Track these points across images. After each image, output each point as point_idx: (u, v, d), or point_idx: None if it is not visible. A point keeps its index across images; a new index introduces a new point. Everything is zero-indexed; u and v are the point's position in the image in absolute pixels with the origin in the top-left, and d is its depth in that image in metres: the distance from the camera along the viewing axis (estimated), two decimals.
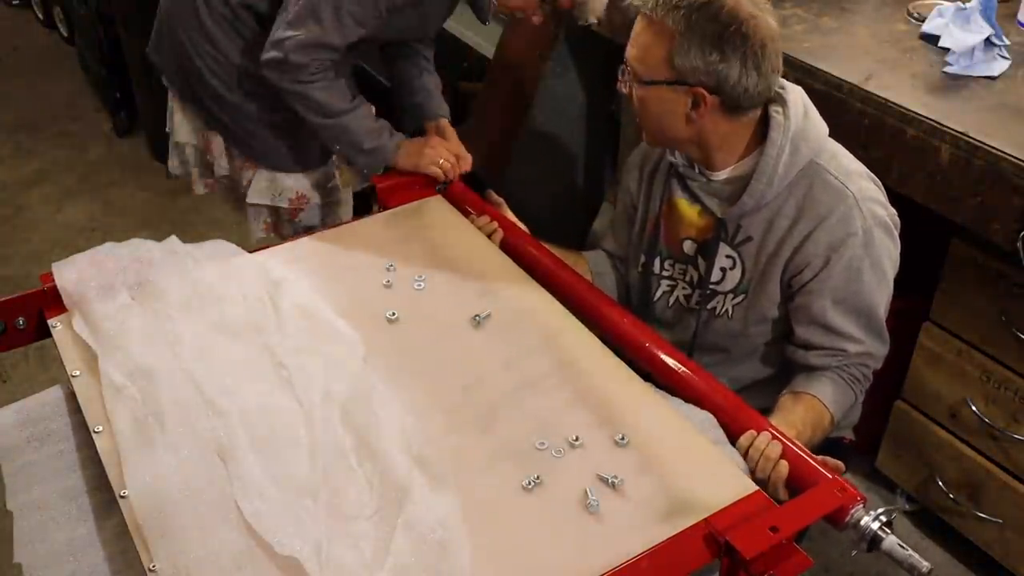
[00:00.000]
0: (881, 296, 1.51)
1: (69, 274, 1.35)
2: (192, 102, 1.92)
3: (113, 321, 1.30)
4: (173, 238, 1.46)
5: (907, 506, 2.21)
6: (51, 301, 1.36)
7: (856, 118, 1.83)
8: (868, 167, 1.86)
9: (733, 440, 1.21)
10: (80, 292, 1.34)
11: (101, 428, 1.17)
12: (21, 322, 1.37)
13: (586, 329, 1.37)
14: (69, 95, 4.00)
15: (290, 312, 1.36)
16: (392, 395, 1.23)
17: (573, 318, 1.39)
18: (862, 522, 1.07)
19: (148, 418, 1.16)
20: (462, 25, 3.08)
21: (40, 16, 4.56)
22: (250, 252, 1.50)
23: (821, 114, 1.45)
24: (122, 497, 1.08)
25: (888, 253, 1.50)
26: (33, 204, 3.36)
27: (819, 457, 1.18)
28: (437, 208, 1.66)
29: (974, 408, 1.87)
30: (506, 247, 1.55)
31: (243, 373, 1.25)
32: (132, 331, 1.29)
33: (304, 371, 1.25)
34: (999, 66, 1.82)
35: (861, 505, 1.08)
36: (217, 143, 1.94)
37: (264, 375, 1.25)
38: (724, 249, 1.52)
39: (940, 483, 2.00)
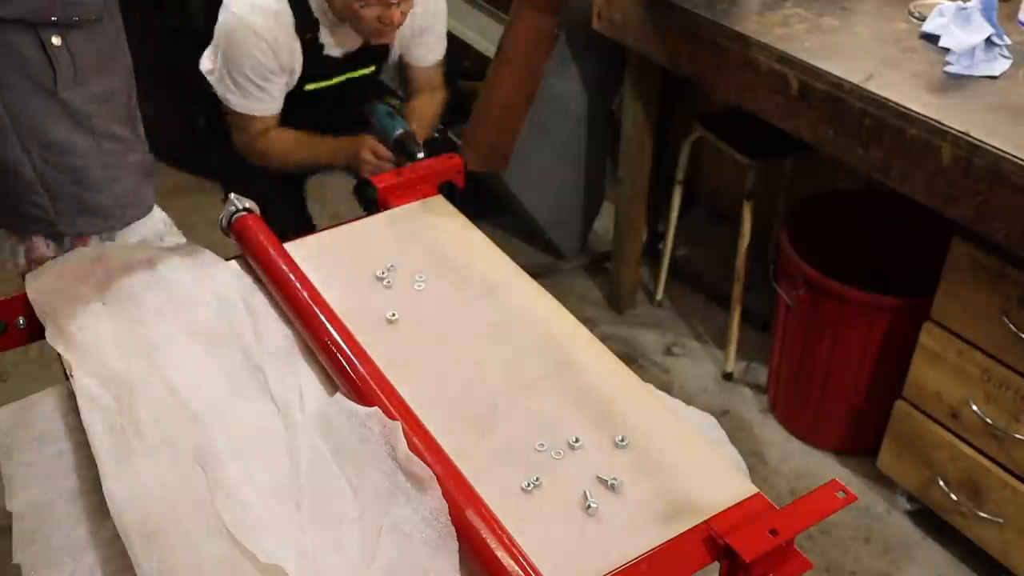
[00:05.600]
0: None
1: (40, 285, 1.34)
2: None
3: (86, 330, 1.29)
4: (145, 242, 1.45)
5: (908, 506, 2.21)
6: None
7: (857, 118, 1.82)
8: (869, 167, 1.86)
9: None
10: (52, 302, 1.33)
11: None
12: (21, 322, 1.36)
13: (586, 330, 1.37)
14: None
15: (266, 315, 1.35)
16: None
17: (573, 318, 1.39)
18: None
19: (125, 427, 1.15)
20: (462, 24, 3.08)
21: None
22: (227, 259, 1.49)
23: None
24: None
25: None
26: None
27: None
28: (437, 208, 1.66)
29: (975, 408, 1.87)
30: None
31: (219, 379, 1.24)
32: (105, 339, 1.28)
33: (281, 374, 1.25)
34: (1000, 66, 1.82)
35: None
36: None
37: (241, 380, 1.25)
38: None
39: (941, 483, 2.00)
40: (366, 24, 1.95)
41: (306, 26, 1.78)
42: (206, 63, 2.13)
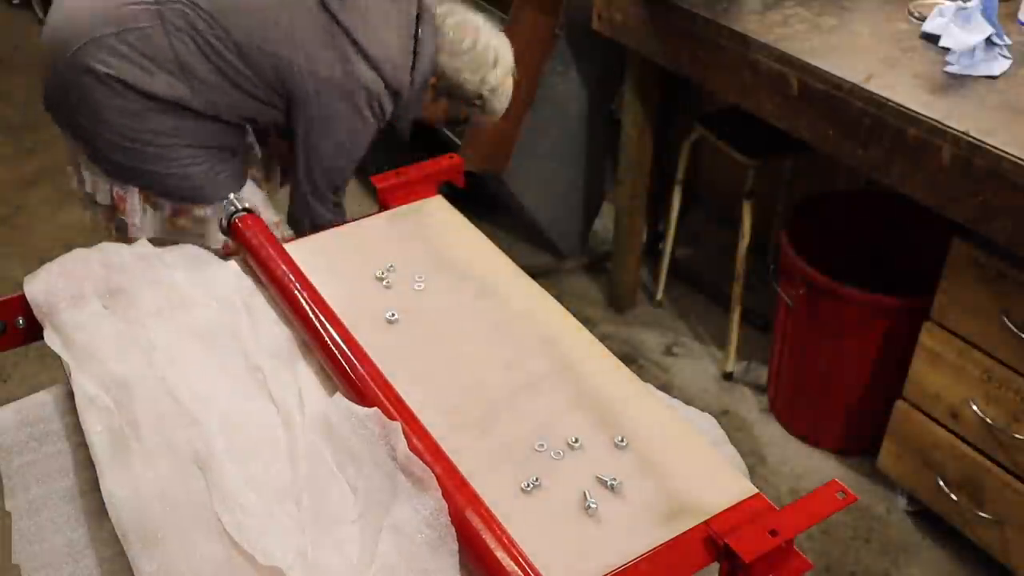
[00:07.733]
0: None
1: (38, 286, 1.34)
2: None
3: (85, 331, 1.29)
4: (143, 241, 1.45)
5: (908, 506, 2.21)
6: None
7: (857, 117, 1.82)
8: (869, 167, 1.86)
9: None
10: (50, 303, 1.32)
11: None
12: (21, 322, 1.36)
13: (586, 330, 1.37)
14: None
15: (266, 315, 1.35)
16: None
17: (573, 319, 1.39)
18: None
19: (123, 428, 1.15)
20: None
21: (41, 16, 4.57)
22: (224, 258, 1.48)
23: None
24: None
25: None
26: (33, 204, 3.36)
27: None
28: (437, 208, 1.65)
29: (975, 408, 1.87)
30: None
31: (218, 379, 1.24)
32: (105, 340, 1.28)
33: (280, 375, 1.24)
34: (1000, 65, 1.82)
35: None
36: (131, 200, 1.81)
37: (240, 381, 1.24)
38: None
39: (941, 483, 2.00)
40: None
41: None
42: None
